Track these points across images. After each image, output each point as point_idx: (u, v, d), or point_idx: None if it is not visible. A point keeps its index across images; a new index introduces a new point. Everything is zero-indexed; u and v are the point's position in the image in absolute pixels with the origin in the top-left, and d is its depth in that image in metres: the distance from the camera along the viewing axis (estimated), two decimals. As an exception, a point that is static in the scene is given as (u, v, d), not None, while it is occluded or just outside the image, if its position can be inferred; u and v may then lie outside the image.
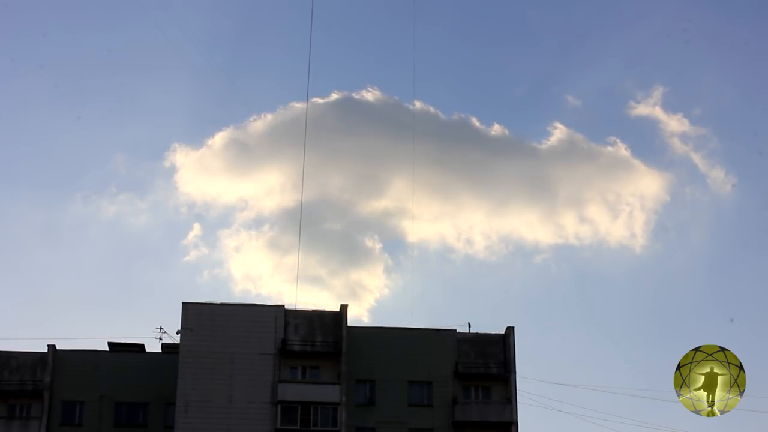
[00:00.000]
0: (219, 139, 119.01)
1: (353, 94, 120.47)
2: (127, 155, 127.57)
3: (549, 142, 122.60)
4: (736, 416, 47.29)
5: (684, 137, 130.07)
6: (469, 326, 71.57)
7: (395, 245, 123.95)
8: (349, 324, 69.92)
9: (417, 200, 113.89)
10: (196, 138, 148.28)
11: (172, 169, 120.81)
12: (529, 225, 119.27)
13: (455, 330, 70.73)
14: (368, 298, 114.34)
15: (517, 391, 69.68)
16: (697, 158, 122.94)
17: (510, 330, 70.75)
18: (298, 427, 66.97)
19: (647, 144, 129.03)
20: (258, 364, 67.71)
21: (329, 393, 67.76)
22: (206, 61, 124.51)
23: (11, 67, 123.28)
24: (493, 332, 71.21)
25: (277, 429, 66.61)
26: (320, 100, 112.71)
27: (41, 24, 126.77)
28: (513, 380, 69.84)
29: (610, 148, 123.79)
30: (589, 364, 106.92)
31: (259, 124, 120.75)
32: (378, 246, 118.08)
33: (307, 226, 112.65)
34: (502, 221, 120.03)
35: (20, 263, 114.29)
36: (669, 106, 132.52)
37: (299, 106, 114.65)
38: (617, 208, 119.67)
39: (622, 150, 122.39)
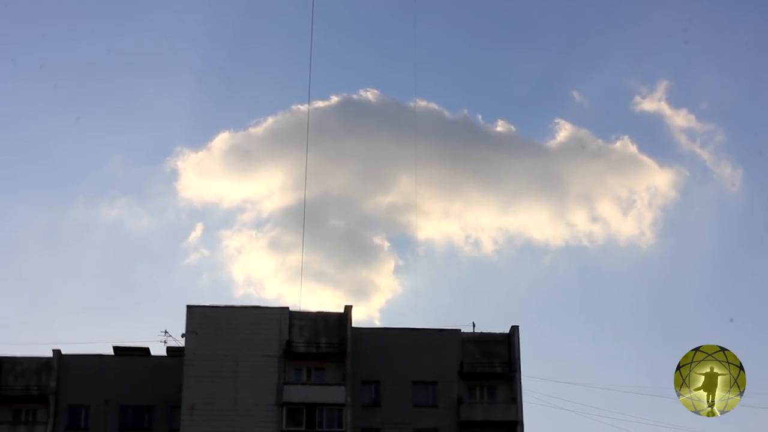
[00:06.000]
0: (220, 141, 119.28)
1: (353, 96, 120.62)
2: (128, 158, 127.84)
3: (555, 140, 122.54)
4: (739, 414, 47.23)
5: (690, 133, 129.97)
6: (474, 326, 71.66)
7: (402, 244, 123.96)
8: (360, 324, 70.66)
9: (424, 198, 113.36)
10: (197, 140, 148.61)
11: (174, 172, 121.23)
12: (537, 222, 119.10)
13: (459, 330, 70.65)
14: (379, 298, 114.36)
15: (522, 391, 69.65)
16: (704, 154, 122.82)
17: (515, 329, 70.64)
18: (304, 429, 67.03)
19: (654, 140, 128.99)
20: (263, 366, 67.75)
21: (334, 394, 67.77)
22: (207, 64, 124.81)
23: (11, 67, 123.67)
24: (497, 332, 71.17)
25: (282, 431, 66.66)
26: (321, 103, 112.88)
27: (41, 24, 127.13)
28: (518, 379, 69.69)
29: (617, 145, 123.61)
30: (594, 363, 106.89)
31: (260, 126, 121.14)
32: (386, 244, 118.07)
33: (311, 224, 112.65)
34: (510, 219, 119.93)
35: (23, 268, 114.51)
36: (674, 101, 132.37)
37: (299, 108, 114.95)
38: (626, 206, 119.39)
39: (630, 146, 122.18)
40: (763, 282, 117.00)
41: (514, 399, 69.47)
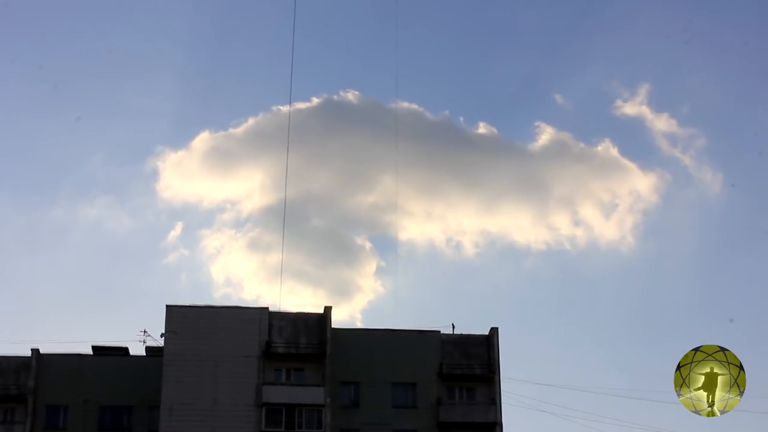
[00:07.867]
0: (200, 141, 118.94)
1: (334, 97, 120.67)
2: (109, 158, 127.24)
3: (537, 142, 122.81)
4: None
5: (672, 137, 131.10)
6: (453, 327, 71.90)
7: (384, 244, 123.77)
8: (342, 324, 71.13)
9: (405, 199, 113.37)
10: (178, 140, 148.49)
11: (154, 172, 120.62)
12: (518, 225, 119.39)
13: (439, 331, 70.90)
14: (361, 298, 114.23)
15: (502, 392, 70.06)
16: (686, 159, 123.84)
17: (494, 331, 71.03)
18: (283, 430, 66.97)
19: (636, 144, 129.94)
20: (242, 367, 67.66)
21: (314, 395, 67.78)
22: (188, 64, 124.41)
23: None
24: (477, 333, 71.46)
25: (261, 431, 66.52)
26: (302, 104, 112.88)
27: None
28: (497, 381, 70.07)
29: (598, 148, 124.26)
30: (574, 365, 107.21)
31: (241, 126, 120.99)
32: (368, 245, 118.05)
33: (292, 223, 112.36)
34: (492, 221, 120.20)
35: (3, 267, 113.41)
36: (655, 105, 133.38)
37: (280, 109, 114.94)
38: (608, 209, 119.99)
39: (611, 150, 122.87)
40: (744, 285, 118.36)
41: (494, 400, 69.82)
